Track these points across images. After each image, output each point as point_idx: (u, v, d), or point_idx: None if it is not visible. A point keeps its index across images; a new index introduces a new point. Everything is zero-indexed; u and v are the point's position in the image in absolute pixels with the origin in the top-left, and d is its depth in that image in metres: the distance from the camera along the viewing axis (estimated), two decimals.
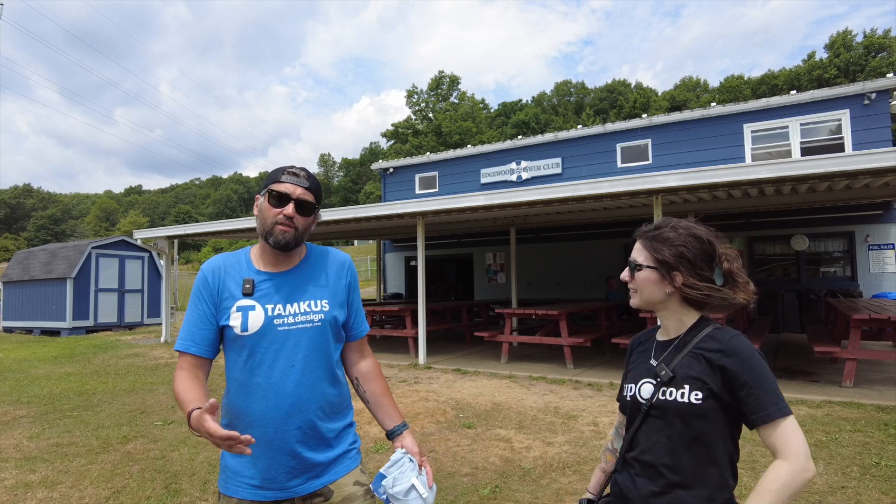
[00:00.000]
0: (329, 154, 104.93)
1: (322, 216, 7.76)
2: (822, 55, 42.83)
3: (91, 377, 7.94)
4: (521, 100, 62.57)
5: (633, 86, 56.92)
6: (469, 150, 15.48)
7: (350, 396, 1.65)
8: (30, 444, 4.66)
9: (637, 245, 1.39)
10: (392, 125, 58.83)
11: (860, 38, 40.40)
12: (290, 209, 1.48)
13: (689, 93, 51.00)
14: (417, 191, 16.15)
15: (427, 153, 21.04)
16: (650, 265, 1.34)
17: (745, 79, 48.32)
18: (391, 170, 16.86)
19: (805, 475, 1.13)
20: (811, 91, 11.24)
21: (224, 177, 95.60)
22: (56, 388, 7.12)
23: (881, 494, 3.28)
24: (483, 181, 14.94)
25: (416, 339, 8.86)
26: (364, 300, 13.93)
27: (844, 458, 3.88)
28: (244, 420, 1.46)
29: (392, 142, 58.32)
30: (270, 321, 1.48)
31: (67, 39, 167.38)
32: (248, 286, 1.50)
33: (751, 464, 3.76)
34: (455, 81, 59.89)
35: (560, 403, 5.69)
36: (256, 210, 1.55)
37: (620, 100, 52.27)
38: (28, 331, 15.55)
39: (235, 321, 1.47)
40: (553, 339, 8.27)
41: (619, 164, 13.20)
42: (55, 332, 14.55)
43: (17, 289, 15.91)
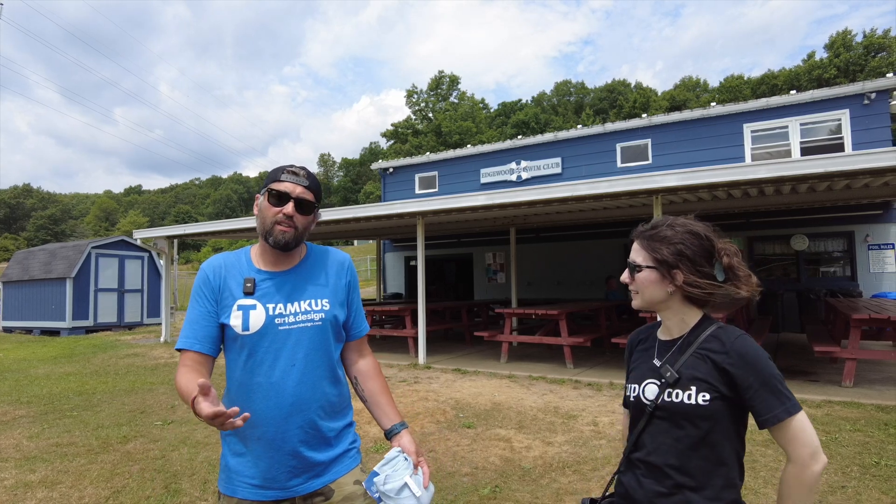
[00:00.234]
0: (329, 154, 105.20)
1: (322, 216, 7.78)
2: (822, 55, 42.89)
3: (91, 377, 7.94)
4: (521, 100, 62.65)
5: (633, 86, 56.95)
6: (469, 150, 15.48)
7: (350, 396, 1.65)
8: (29, 444, 4.66)
9: (635, 246, 1.37)
10: (392, 125, 58.88)
11: (860, 38, 40.44)
12: (290, 208, 1.48)
13: (689, 93, 51.02)
14: (417, 191, 16.15)
15: (427, 153, 21.03)
16: (650, 265, 1.32)
17: (745, 79, 48.32)
18: (391, 170, 16.85)
19: (812, 469, 1.16)
20: (811, 91, 11.23)
21: (224, 177, 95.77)
22: (56, 388, 7.11)
23: (881, 494, 3.28)
24: (483, 181, 14.94)
25: (416, 339, 8.86)
26: (364, 300, 13.93)
27: (844, 458, 3.88)
28: None
29: (392, 142, 58.31)
30: (271, 320, 1.48)
31: (67, 39, 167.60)
32: (250, 285, 1.50)
33: (751, 463, 3.76)
34: (455, 81, 59.91)
35: (560, 403, 5.69)
36: (256, 209, 1.55)
37: (620, 100, 52.28)
38: (28, 331, 15.55)
39: (236, 320, 1.47)
40: (553, 339, 8.27)
41: (619, 164, 13.20)
42: (55, 332, 14.54)
43: (17, 289, 15.91)
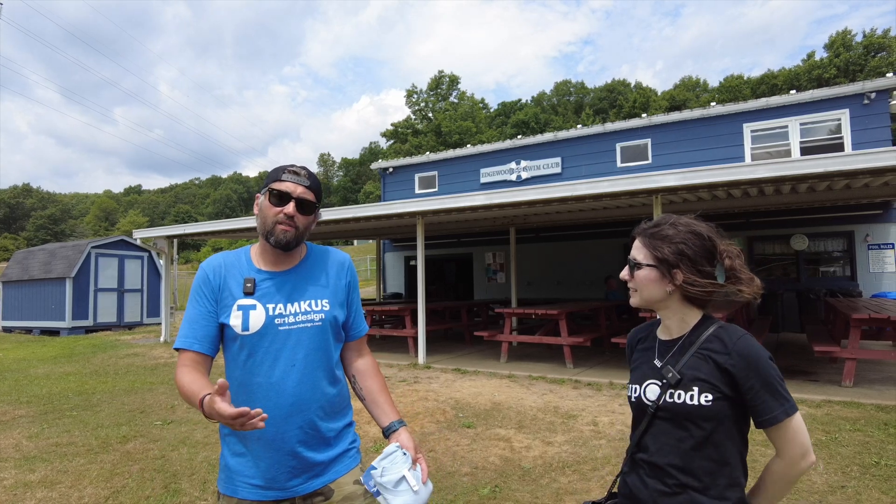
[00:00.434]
0: (329, 154, 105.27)
1: (322, 216, 7.73)
2: (822, 55, 42.93)
3: (90, 377, 7.93)
4: (521, 99, 62.66)
5: (633, 85, 56.96)
6: (469, 150, 15.47)
7: (349, 396, 1.65)
8: (29, 444, 4.66)
9: (636, 243, 1.36)
10: (392, 125, 58.85)
11: (860, 38, 40.48)
12: (291, 208, 1.48)
13: (689, 92, 51.02)
14: (417, 190, 16.14)
15: (427, 153, 21.03)
16: (650, 263, 1.31)
17: (745, 78, 48.32)
18: (391, 169, 16.85)
19: (800, 467, 1.23)
20: (811, 91, 11.23)
21: (223, 176, 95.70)
22: (55, 388, 7.11)
23: (881, 494, 3.28)
24: (483, 181, 14.94)
25: (416, 339, 8.85)
26: (364, 300, 13.93)
27: (844, 458, 3.88)
28: None
29: (392, 141, 58.29)
30: (271, 321, 1.48)
31: (66, 39, 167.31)
32: (250, 285, 1.50)
33: (751, 463, 3.75)
34: (455, 81, 59.90)
35: (560, 403, 5.69)
36: (257, 209, 1.55)
37: (620, 99, 52.29)
38: (27, 330, 15.54)
39: (236, 320, 1.47)
40: (553, 339, 8.27)
41: (619, 164, 13.20)
42: (54, 332, 14.53)
43: (17, 288, 15.90)
